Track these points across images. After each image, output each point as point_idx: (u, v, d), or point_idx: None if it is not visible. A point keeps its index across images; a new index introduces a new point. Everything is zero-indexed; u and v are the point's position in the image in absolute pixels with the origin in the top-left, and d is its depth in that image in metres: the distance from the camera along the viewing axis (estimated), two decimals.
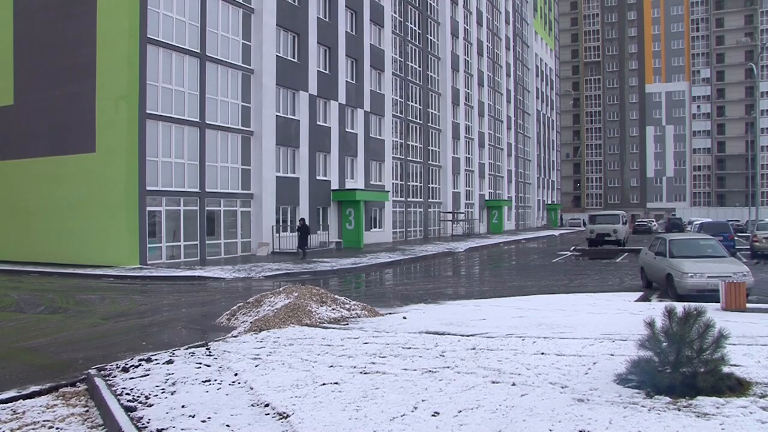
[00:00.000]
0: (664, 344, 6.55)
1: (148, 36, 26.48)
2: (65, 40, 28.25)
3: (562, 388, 6.63)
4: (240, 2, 31.95)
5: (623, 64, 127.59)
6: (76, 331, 12.61)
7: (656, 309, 11.25)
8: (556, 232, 69.64)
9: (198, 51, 29.15)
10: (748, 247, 32.49)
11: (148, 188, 26.27)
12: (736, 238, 32.85)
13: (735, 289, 12.92)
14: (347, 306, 13.30)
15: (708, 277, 15.03)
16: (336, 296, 13.84)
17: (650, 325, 6.70)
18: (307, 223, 30.03)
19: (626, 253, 34.28)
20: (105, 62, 26.91)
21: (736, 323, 10.33)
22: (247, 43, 32.51)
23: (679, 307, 6.80)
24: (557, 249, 41.23)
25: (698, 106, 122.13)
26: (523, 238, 54.27)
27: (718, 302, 13.10)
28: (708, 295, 14.45)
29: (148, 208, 26.44)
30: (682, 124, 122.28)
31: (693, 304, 6.85)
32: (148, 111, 26.29)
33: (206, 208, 29.62)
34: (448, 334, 10.33)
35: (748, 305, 13.20)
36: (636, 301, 15.24)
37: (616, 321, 11.36)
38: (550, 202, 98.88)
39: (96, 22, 27.25)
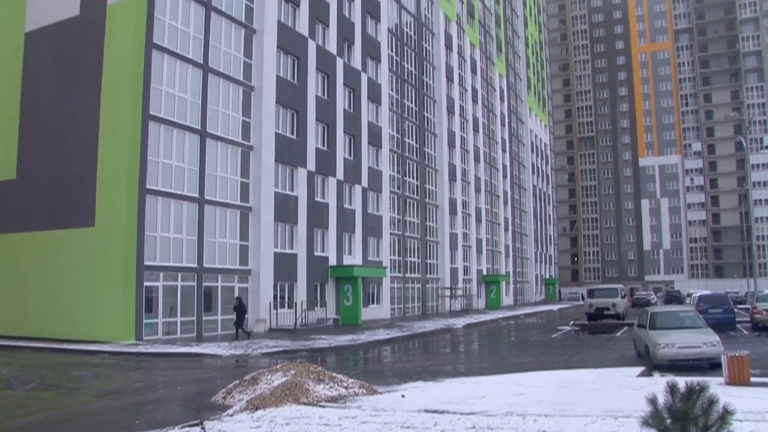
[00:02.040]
0: (668, 421, 6.43)
1: (150, 113, 26.98)
2: (69, 116, 28.78)
3: None
4: (240, 80, 32.69)
5: (616, 138, 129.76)
6: (68, 409, 12.36)
7: (658, 384, 11.10)
8: (555, 307, 69.22)
9: (198, 128, 29.65)
10: (749, 319, 32.23)
11: (146, 263, 26.24)
12: (736, 310, 32.63)
13: (738, 363, 12.79)
14: (345, 384, 13.10)
15: (679, 347, 16.12)
16: (333, 374, 13.65)
17: (653, 401, 6.60)
18: (243, 301, 29.06)
19: (626, 327, 34.01)
20: (107, 138, 27.33)
21: (741, 398, 10.18)
22: (247, 120, 33.10)
23: (681, 382, 6.72)
24: (556, 324, 40.90)
25: (691, 179, 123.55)
26: (521, 314, 53.90)
27: (698, 369, 13.09)
28: (684, 364, 15.72)
29: (146, 284, 26.34)
30: (677, 197, 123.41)
31: (695, 379, 6.77)
32: (148, 186, 26.53)
33: (204, 284, 29.51)
34: (448, 412, 10.16)
35: (753, 379, 13.04)
36: (638, 376, 15.05)
37: (618, 397, 11.19)
38: (548, 277, 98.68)
39: (100, 99, 27.82)
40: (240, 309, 27.92)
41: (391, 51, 50.03)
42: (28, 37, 31.31)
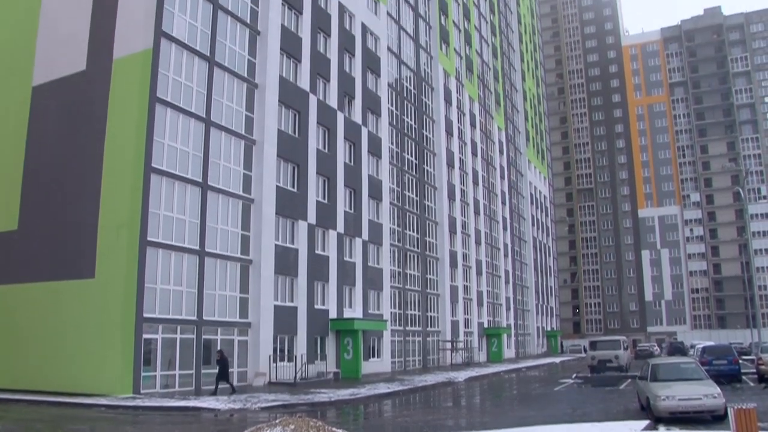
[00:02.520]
0: None
1: (153, 165, 27.22)
2: (72, 168, 29.06)
3: None
4: (242, 134, 33.08)
5: (615, 190, 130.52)
6: None
7: None
8: (557, 359, 68.52)
9: (200, 180, 29.86)
10: (754, 370, 31.86)
11: (145, 315, 26.11)
12: (740, 361, 32.31)
13: (745, 416, 12.59)
14: None
15: (679, 399, 15.98)
16: (334, 429, 13.47)
17: None
18: (225, 355, 28.55)
19: (629, 380, 33.60)
20: (109, 190, 27.52)
21: None
22: (248, 173, 33.36)
23: None
24: (559, 377, 40.44)
25: (691, 230, 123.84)
26: (523, 366, 53.33)
27: (703, 423, 12.94)
28: (687, 417, 15.72)
29: (144, 336, 26.16)
30: (677, 248, 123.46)
31: None
32: (149, 238, 26.58)
33: (203, 337, 29.29)
34: None
35: None
36: (643, 430, 14.83)
37: None
38: (549, 329, 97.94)
39: (103, 151, 28.12)
40: (223, 363, 27.50)
41: (391, 105, 50.72)
42: (35, 90, 31.83)
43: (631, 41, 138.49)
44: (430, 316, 53.77)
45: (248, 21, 34.71)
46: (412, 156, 53.34)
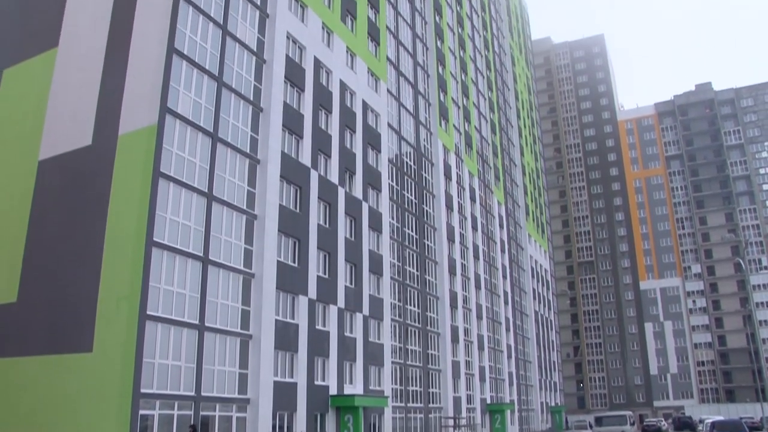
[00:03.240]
0: None
1: (154, 239, 27.31)
2: (74, 241, 29.16)
3: None
4: (244, 208, 33.31)
5: (616, 262, 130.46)
6: None
7: None
8: None
9: (201, 255, 29.91)
10: None
11: (142, 391, 25.68)
12: None
13: None
14: None
15: None
16: None
17: None
18: (198, 430, 27.98)
19: None
20: (110, 263, 27.54)
21: None
22: (249, 247, 33.43)
23: None
24: None
25: (693, 301, 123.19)
26: None
27: None
28: None
29: (141, 412, 25.63)
30: (680, 320, 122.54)
31: None
32: (148, 312, 26.42)
33: (201, 413, 28.74)
34: None
35: None
36: None
37: None
38: (553, 404, 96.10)
39: (105, 225, 28.28)
40: None
41: (392, 180, 51.27)
42: (41, 164, 32.31)
43: (627, 116, 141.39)
44: (432, 392, 52.86)
45: (251, 98, 35.50)
46: (412, 231, 53.55)
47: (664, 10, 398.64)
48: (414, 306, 51.63)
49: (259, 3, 37.56)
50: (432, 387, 52.97)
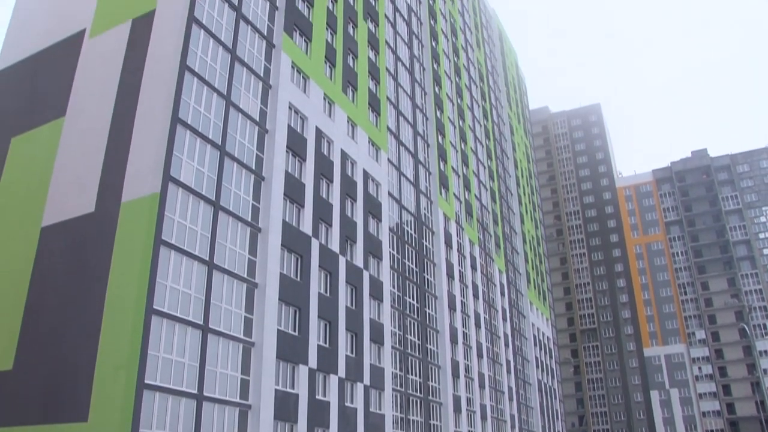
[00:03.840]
0: None
1: (154, 307, 27.13)
2: (73, 307, 28.97)
3: None
4: (244, 277, 33.21)
5: (619, 329, 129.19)
6: None
7: None
8: None
9: (201, 323, 29.65)
10: None
11: None
12: None
13: None
14: None
15: None
16: None
17: None
18: None
19: None
20: (109, 330, 27.25)
21: None
22: (249, 316, 33.18)
23: None
24: None
25: (699, 368, 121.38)
26: None
27: None
28: None
29: None
30: (687, 387, 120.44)
31: None
32: (146, 381, 26.01)
33: None
34: None
35: None
36: None
37: None
38: None
39: (106, 291, 28.14)
40: None
41: (393, 249, 51.28)
42: (43, 231, 32.42)
43: (625, 183, 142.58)
44: None
45: (253, 167, 35.87)
46: (413, 299, 53.24)
47: (656, 76, 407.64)
48: (415, 375, 50.86)
49: (262, 74, 38.41)
50: None
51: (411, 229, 56.04)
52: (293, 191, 38.55)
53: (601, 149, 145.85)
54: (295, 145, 39.81)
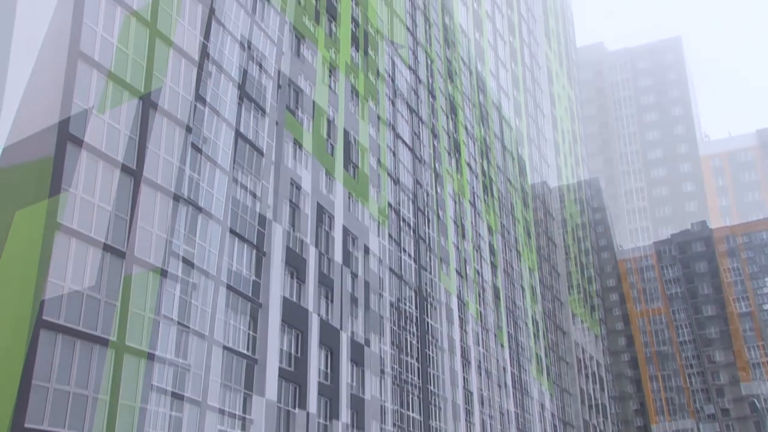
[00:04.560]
0: None
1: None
2: None
3: None
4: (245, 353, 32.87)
5: (625, 405, 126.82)
6: None
7: None
8: None
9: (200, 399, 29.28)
10: None
11: None
12: None
13: None
14: None
15: None
16: None
17: None
18: None
19: None
20: None
21: None
22: (249, 393, 32.72)
23: None
24: None
25: None
26: None
27: None
28: None
29: None
30: None
31: None
32: None
33: None
34: None
35: None
36: None
37: None
38: None
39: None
40: None
41: (394, 325, 50.73)
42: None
43: (626, 255, 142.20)
44: None
45: (254, 242, 35.94)
46: (414, 375, 52.40)
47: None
48: None
49: (264, 151, 38.83)
50: None
51: (412, 306, 55.23)
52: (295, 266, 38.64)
53: (601, 222, 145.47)
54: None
